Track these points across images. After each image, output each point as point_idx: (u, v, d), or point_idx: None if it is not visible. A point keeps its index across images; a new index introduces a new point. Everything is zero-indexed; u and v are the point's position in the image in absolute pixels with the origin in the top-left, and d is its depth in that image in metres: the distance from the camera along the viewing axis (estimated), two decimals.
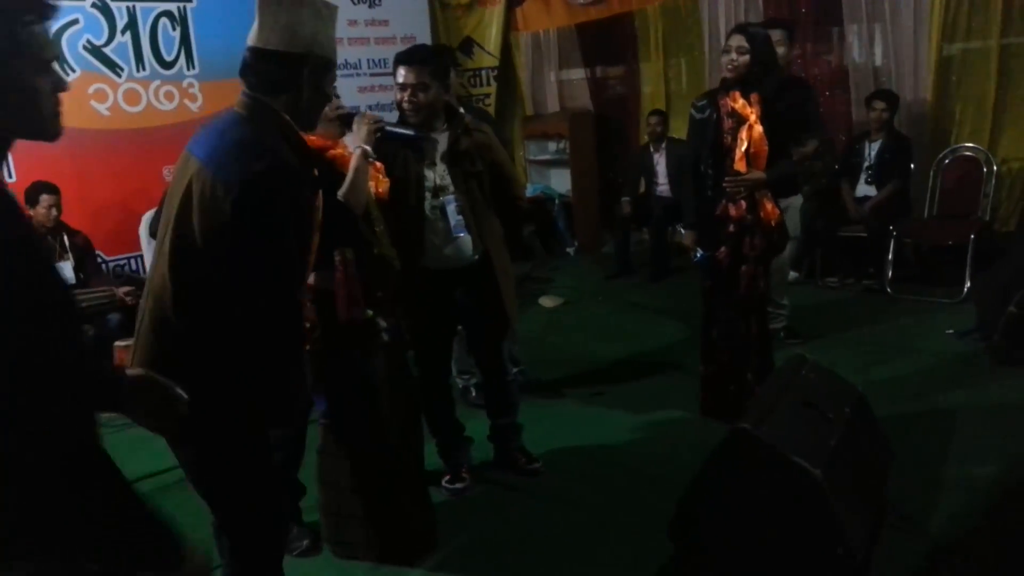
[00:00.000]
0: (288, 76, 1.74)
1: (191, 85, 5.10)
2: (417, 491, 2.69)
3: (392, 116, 3.21)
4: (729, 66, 3.18)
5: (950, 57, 5.09)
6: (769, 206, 3.23)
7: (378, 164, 2.60)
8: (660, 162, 5.93)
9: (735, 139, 3.20)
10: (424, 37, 6.53)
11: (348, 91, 5.60)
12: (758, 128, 3.16)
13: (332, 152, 2.45)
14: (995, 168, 4.88)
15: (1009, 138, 5.00)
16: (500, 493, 3.03)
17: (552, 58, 7.13)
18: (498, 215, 2.93)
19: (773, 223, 3.24)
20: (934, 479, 2.81)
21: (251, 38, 1.75)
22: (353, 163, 2.38)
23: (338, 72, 2.01)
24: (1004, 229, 5.00)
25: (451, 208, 2.79)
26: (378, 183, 2.62)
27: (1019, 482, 2.82)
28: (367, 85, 6.17)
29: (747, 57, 3.19)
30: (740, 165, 3.19)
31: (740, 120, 3.19)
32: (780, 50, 3.80)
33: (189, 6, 5.05)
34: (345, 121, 2.51)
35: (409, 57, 2.77)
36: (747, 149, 3.17)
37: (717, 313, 3.40)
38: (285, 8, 1.72)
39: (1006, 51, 4.91)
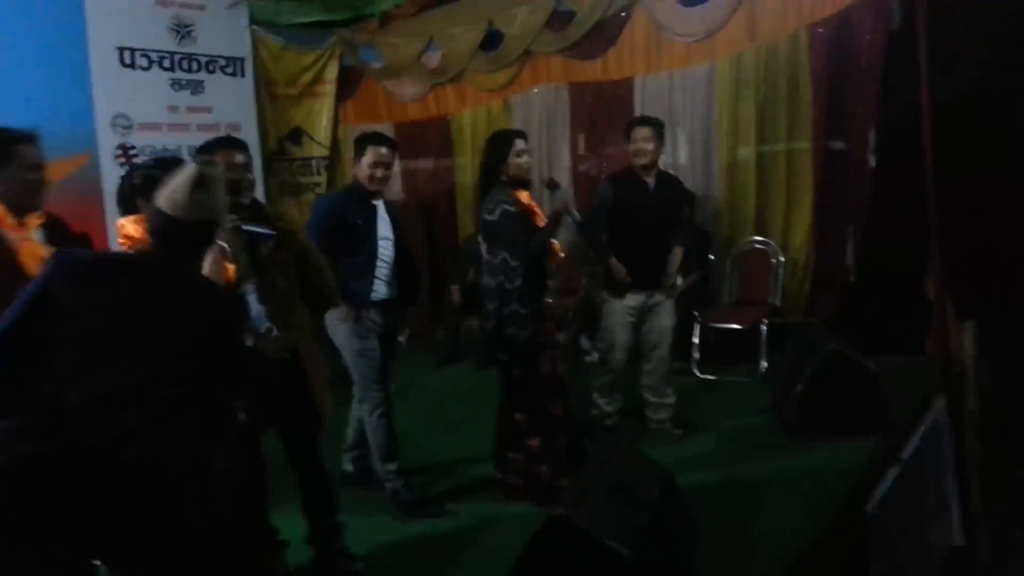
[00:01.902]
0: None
1: None
2: None
3: None
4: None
5: (742, 159, 5.67)
6: None
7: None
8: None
9: None
10: (250, 125, 6.49)
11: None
12: None
13: None
14: (782, 259, 5.45)
15: (795, 232, 5.60)
16: None
17: None
18: (308, 305, 2.94)
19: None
20: (737, 550, 3.02)
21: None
22: (209, 259, 2.44)
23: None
24: (792, 316, 5.55)
25: (251, 298, 2.75)
26: (227, 270, 2.64)
27: (813, 544, 3.08)
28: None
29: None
30: None
31: None
32: (650, 146, 4.13)
33: None
34: None
35: (234, 140, 3.05)
36: None
37: (527, 397, 3.53)
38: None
39: (792, 155, 5.54)
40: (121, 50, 5.83)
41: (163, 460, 1.82)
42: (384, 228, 3.62)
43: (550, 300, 3.66)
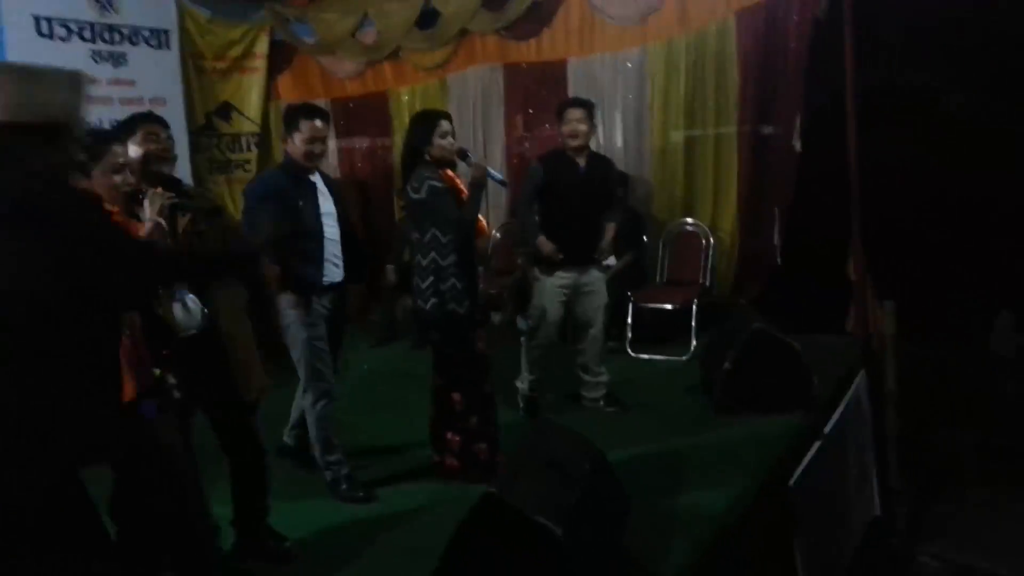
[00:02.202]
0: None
1: None
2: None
3: None
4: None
5: (673, 142, 5.75)
6: None
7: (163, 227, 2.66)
8: None
9: None
10: (176, 100, 6.31)
11: None
12: None
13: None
14: (712, 241, 5.56)
15: (723, 215, 5.71)
16: None
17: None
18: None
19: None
20: (666, 524, 3.09)
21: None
22: (146, 235, 2.47)
23: None
24: (722, 294, 5.68)
25: None
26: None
27: (739, 516, 3.18)
28: None
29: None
30: None
31: None
32: (583, 127, 4.16)
33: None
34: (134, 197, 2.61)
35: (156, 117, 2.96)
36: None
37: (464, 376, 3.54)
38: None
39: (720, 139, 5.63)
40: (38, 19, 5.60)
41: None
42: (327, 204, 3.47)
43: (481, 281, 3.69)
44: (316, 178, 3.49)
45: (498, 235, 6.24)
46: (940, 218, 6.00)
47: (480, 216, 3.61)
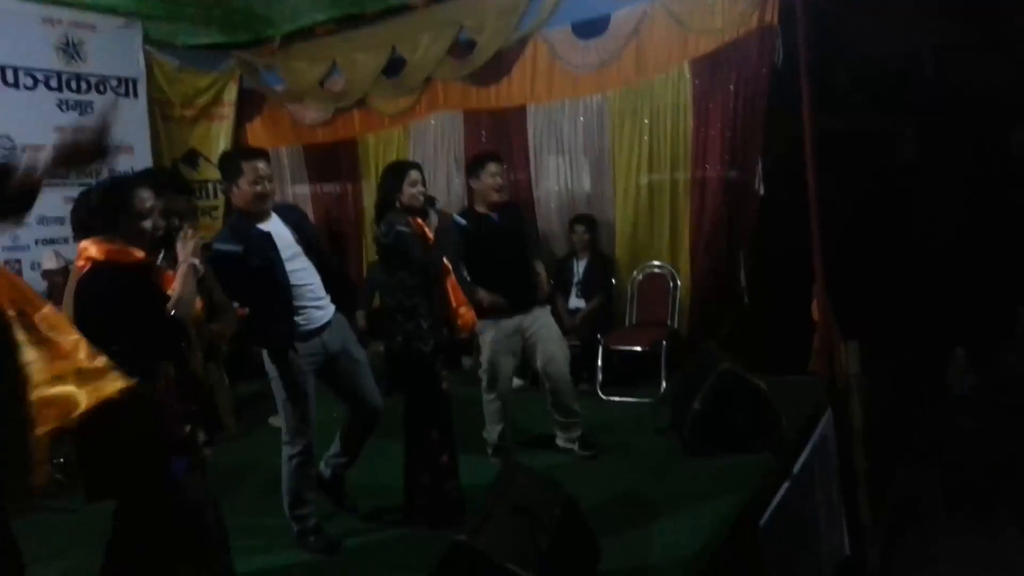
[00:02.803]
0: None
1: None
2: None
3: None
4: (420, 196, 3.63)
5: (635, 186, 5.82)
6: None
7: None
8: None
9: None
10: (143, 147, 6.29)
11: (54, 201, 5.21)
12: None
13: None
14: (679, 283, 5.63)
15: (688, 257, 5.79)
16: None
17: (284, 175, 7.23)
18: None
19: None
20: (639, 565, 3.08)
21: None
22: (180, 277, 2.50)
23: (44, 183, 2.05)
24: (691, 334, 5.73)
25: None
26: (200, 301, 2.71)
27: (707, 563, 3.18)
28: (75, 196, 5.78)
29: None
30: None
31: None
32: (497, 180, 4.28)
33: None
34: (167, 241, 2.68)
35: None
36: None
37: (435, 413, 3.55)
38: None
39: (678, 184, 5.69)
40: (3, 69, 5.59)
41: None
42: (288, 249, 3.31)
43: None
44: (270, 225, 3.33)
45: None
46: (896, 258, 6.15)
47: (447, 261, 3.68)
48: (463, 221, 3.83)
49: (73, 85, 5.96)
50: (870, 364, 4.88)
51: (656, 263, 5.73)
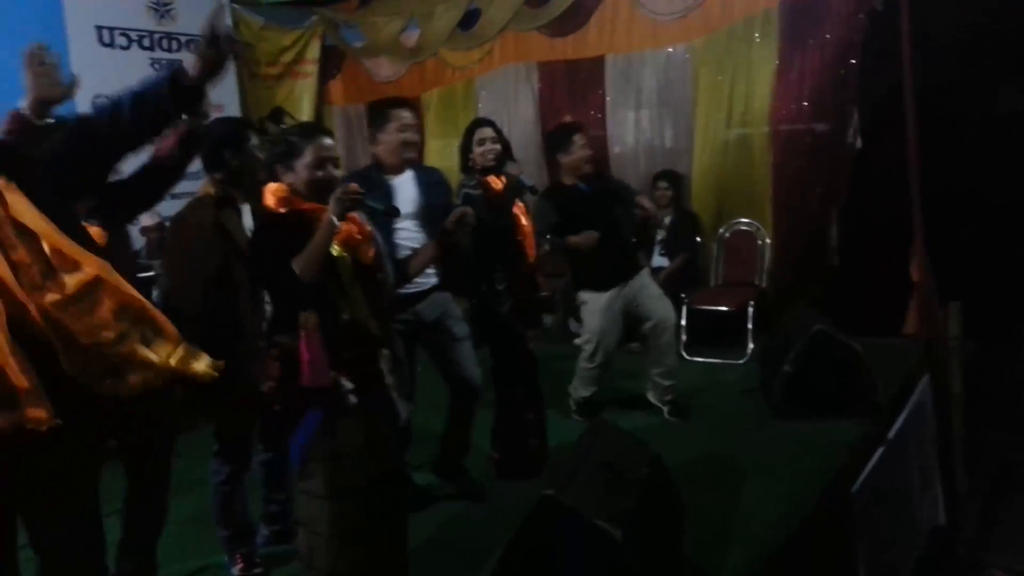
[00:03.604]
0: None
1: None
2: None
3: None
4: (490, 154, 3.58)
5: (721, 141, 5.63)
6: None
7: (368, 231, 2.64)
8: None
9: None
10: (232, 105, 6.41)
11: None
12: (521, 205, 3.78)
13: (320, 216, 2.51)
14: (768, 241, 5.45)
15: (781, 214, 5.59)
16: None
17: (364, 134, 7.28)
18: None
19: None
20: (724, 530, 3.02)
21: None
22: (318, 234, 2.46)
23: None
24: (779, 295, 5.56)
25: None
26: (365, 250, 2.64)
27: (798, 527, 3.10)
28: None
29: (499, 145, 3.68)
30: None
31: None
32: (586, 152, 4.14)
33: None
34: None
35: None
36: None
37: (522, 373, 3.56)
38: None
39: (777, 137, 5.51)
40: (100, 29, 5.75)
41: None
42: (404, 209, 3.06)
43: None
44: (400, 180, 3.18)
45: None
46: (1004, 216, 5.80)
47: (524, 221, 3.67)
48: (529, 182, 3.69)
49: (164, 44, 6.10)
50: (972, 327, 4.65)
51: (744, 220, 5.56)
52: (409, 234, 3.16)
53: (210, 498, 2.89)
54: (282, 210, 2.55)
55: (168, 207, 3.09)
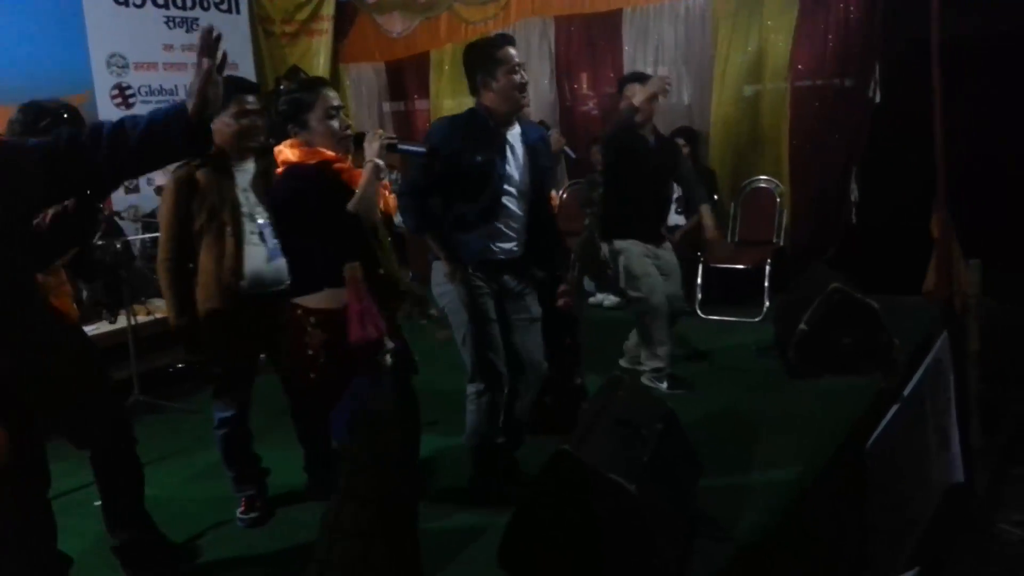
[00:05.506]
0: None
1: None
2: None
3: None
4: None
5: (741, 97, 5.56)
6: None
7: (386, 181, 2.68)
8: None
9: None
10: (247, 64, 6.39)
11: None
12: None
13: (339, 166, 2.54)
14: (786, 198, 5.40)
15: (799, 171, 5.54)
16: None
17: (374, 91, 7.24)
18: None
19: None
20: (738, 486, 3.05)
21: None
22: (365, 176, 2.49)
23: (153, 98, 2.10)
24: (796, 253, 5.53)
25: (268, 231, 2.81)
26: (386, 200, 2.70)
27: (811, 484, 3.12)
28: None
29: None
30: None
31: None
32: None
33: None
34: (356, 141, 2.70)
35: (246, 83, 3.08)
36: None
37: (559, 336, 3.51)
38: None
39: (796, 92, 5.43)
40: None
41: None
42: (511, 166, 2.88)
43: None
44: (517, 132, 2.95)
45: (564, 196, 6.18)
46: None
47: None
48: (573, 154, 3.82)
49: (179, 2, 6.06)
50: (994, 285, 4.60)
51: (763, 177, 5.51)
52: (512, 199, 2.91)
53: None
54: (312, 161, 2.54)
55: None
